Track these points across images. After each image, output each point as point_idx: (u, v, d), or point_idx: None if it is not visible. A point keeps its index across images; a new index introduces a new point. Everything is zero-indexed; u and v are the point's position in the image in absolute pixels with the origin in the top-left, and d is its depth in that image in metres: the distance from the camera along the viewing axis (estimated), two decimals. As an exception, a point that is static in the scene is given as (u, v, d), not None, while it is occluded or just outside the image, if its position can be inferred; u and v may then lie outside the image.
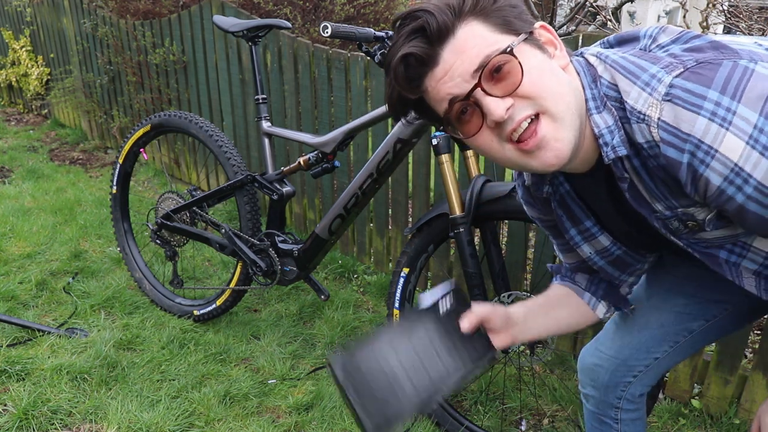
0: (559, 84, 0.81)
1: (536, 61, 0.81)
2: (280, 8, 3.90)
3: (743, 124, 0.71)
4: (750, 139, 0.71)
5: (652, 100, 0.76)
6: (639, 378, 1.23)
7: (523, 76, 0.79)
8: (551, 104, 0.80)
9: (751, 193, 0.74)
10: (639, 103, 0.78)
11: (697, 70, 0.74)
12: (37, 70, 5.35)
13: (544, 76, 0.80)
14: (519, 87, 0.79)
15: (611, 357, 1.23)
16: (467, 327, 1.01)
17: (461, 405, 2.08)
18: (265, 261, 2.22)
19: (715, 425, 1.94)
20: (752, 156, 0.72)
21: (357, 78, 2.60)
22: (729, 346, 1.90)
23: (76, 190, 3.93)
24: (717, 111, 0.72)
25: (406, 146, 1.88)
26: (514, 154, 0.83)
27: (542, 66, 0.81)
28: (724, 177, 0.74)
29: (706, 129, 0.72)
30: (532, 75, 0.79)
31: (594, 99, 0.83)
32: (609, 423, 1.28)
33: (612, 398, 1.25)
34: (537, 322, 1.12)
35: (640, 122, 0.78)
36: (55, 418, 1.90)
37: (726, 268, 0.94)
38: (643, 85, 0.77)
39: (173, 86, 3.78)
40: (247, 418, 1.95)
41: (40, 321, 2.44)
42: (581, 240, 1.05)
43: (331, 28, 1.72)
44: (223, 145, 2.27)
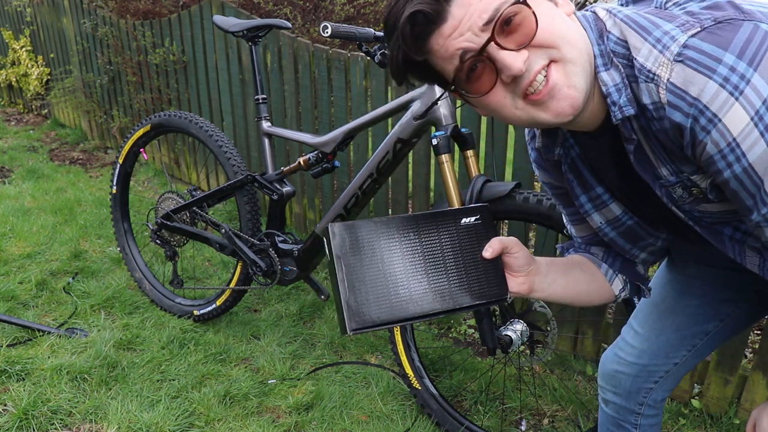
0: (569, 30, 0.78)
1: (545, 8, 0.77)
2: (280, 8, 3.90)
3: (753, 97, 0.67)
4: (756, 115, 0.68)
5: (663, 59, 0.72)
6: (660, 384, 1.22)
7: (538, 26, 0.75)
8: (565, 51, 0.77)
9: (739, 173, 0.72)
10: (649, 61, 0.73)
11: (714, 30, 0.69)
12: (37, 70, 5.35)
13: (554, 23, 0.77)
14: (534, 37, 0.75)
15: (632, 363, 1.22)
16: (489, 253, 0.91)
17: (461, 405, 2.08)
18: (265, 261, 2.22)
19: (715, 425, 1.94)
20: (752, 134, 0.69)
21: (357, 78, 2.60)
22: (729, 347, 1.90)
23: (76, 190, 3.93)
24: (730, 77, 0.68)
25: (406, 146, 1.88)
26: (526, 109, 0.80)
27: (551, 12, 0.78)
28: (719, 150, 0.71)
29: (715, 95, 0.69)
30: (544, 22, 0.76)
31: (602, 55, 0.79)
32: (627, 428, 1.28)
33: (633, 404, 1.25)
34: (557, 280, 1.01)
35: (648, 81, 0.74)
36: (55, 418, 1.90)
37: (729, 246, 0.91)
38: (654, 42, 0.73)
39: (173, 86, 3.78)
40: (247, 418, 1.95)
41: (40, 321, 2.44)
42: (592, 208, 0.99)
43: (331, 28, 1.72)
44: (223, 145, 2.27)
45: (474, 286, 0.91)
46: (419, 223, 0.91)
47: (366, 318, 0.85)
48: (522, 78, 0.77)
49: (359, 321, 0.84)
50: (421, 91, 1.82)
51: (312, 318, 2.56)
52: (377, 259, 0.88)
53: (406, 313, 0.87)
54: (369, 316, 0.85)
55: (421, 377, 1.99)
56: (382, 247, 0.88)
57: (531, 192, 1.69)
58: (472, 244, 0.93)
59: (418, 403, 2.00)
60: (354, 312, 0.85)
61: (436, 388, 1.97)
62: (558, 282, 1.01)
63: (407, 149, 1.90)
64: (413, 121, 1.81)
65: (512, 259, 0.94)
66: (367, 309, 0.85)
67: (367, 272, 0.87)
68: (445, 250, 0.91)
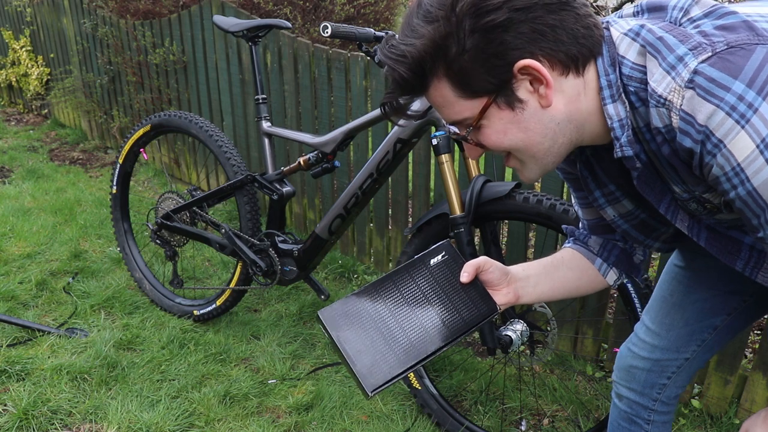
0: (528, 134, 0.84)
1: (502, 125, 0.84)
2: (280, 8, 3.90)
3: (760, 125, 0.69)
4: (762, 143, 0.70)
5: (675, 86, 0.73)
6: (672, 380, 1.24)
7: (486, 145, 0.87)
8: (518, 154, 0.87)
9: (743, 196, 0.74)
10: (661, 86, 0.75)
11: (725, 55, 0.70)
12: (37, 70, 5.35)
13: (507, 136, 0.85)
14: (486, 148, 0.87)
15: (645, 358, 1.24)
16: (466, 278, 0.98)
17: (461, 405, 2.08)
18: (265, 261, 2.22)
19: (715, 425, 1.94)
20: (758, 161, 0.71)
21: (357, 78, 2.60)
22: (729, 346, 1.90)
23: (76, 190, 3.93)
24: (738, 106, 0.69)
25: (406, 146, 1.88)
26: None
27: (505, 128, 0.84)
28: (724, 173, 0.73)
29: (721, 122, 0.70)
30: (491, 141, 0.86)
31: (610, 86, 0.81)
32: (640, 423, 1.29)
33: (647, 400, 1.27)
34: (541, 281, 1.07)
35: (659, 106, 0.76)
36: (55, 418, 1.90)
37: (745, 254, 0.92)
38: (668, 68, 0.74)
39: (173, 86, 3.78)
40: (247, 418, 1.95)
41: (40, 321, 2.45)
42: (605, 202, 1.01)
43: (331, 28, 1.72)
44: (223, 145, 2.27)
45: (464, 312, 0.97)
46: (394, 279, 1.00)
47: (378, 377, 0.92)
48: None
49: (373, 383, 0.91)
50: (421, 91, 1.82)
51: (312, 318, 2.56)
52: (369, 323, 0.96)
53: (413, 359, 0.93)
54: (381, 375, 0.92)
55: (421, 377, 1.99)
56: (369, 312, 0.97)
57: (531, 192, 1.69)
58: (447, 277, 1.00)
59: (418, 403, 2.00)
60: (366, 377, 0.91)
61: (436, 388, 1.97)
62: (543, 283, 1.07)
63: (407, 149, 1.90)
64: (413, 121, 1.81)
65: (489, 275, 1.01)
66: (377, 369, 0.92)
67: (365, 338, 0.94)
68: (425, 292, 0.98)
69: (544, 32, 0.77)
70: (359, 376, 0.91)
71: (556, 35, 0.78)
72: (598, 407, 2.04)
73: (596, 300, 2.14)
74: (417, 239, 1.89)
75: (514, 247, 2.27)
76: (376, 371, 0.92)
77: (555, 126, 0.83)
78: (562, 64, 0.80)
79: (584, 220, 1.14)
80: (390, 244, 2.81)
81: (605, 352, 2.22)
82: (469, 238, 1.74)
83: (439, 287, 0.99)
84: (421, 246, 1.89)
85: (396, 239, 2.77)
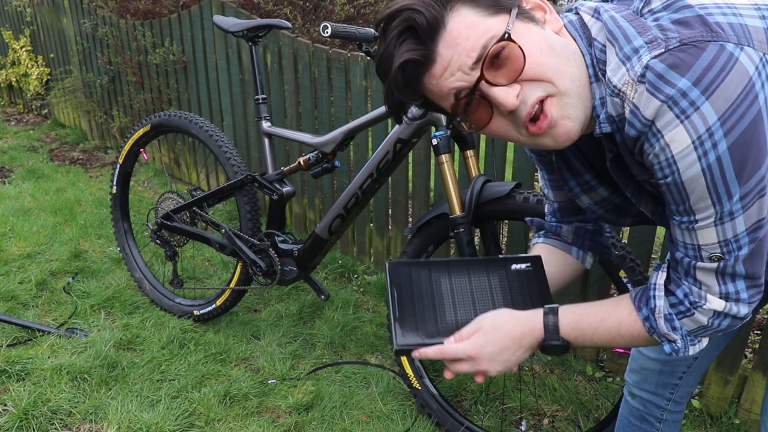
0: (560, 58, 0.79)
1: (533, 38, 0.78)
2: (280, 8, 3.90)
3: (699, 123, 0.71)
4: (697, 140, 0.72)
5: (628, 78, 0.75)
6: (684, 379, 1.25)
7: (525, 61, 0.77)
8: (558, 83, 0.79)
9: (671, 185, 0.77)
10: (616, 77, 0.76)
11: (676, 53, 0.71)
12: (37, 70, 5.35)
13: (544, 55, 0.78)
14: (523, 71, 0.77)
15: (654, 359, 1.25)
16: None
17: (461, 405, 2.08)
18: (265, 261, 2.22)
19: (715, 425, 1.94)
20: (689, 157, 0.73)
21: (357, 78, 2.60)
22: (729, 346, 1.90)
23: (76, 190, 3.93)
24: (680, 101, 0.71)
25: (406, 146, 1.88)
26: (529, 137, 0.83)
27: (539, 42, 0.78)
28: (658, 161, 0.76)
29: (662, 114, 0.72)
30: (532, 55, 0.77)
31: (592, 65, 0.81)
32: (652, 422, 1.31)
33: (661, 400, 1.28)
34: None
35: (614, 96, 0.77)
36: (55, 418, 1.90)
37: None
38: (623, 59, 0.76)
39: (173, 86, 3.78)
40: (247, 418, 1.95)
41: (40, 321, 2.44)
42: (581, 192, 1.02)
43: (331, 28, 1.72)
44: (223, 145, 2.27)
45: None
46: (469, 267, 1.02)
47: (411, 339, 0.95)
48: (519, 110, 0.79)
49: (403, 342, 0.94)
50: (421, 91, 1.82)
51: (312, 318, 2.56)
52: (427, 292, 0.98)
53: (446, 337, 0.95)
54: (413, 339, 0.95)
55: (421, 377, 1.99)
56: (432, 282, 0.99)
57: (531, 192, 1.69)
58: (522, 287, 1.01)
59: (418, 403, 2.00)
60: (399, 334, 0.95)
61: (436, 388, 1.97)
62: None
63: (407, 149, 1.90)
64: (413, 121, 1.81)
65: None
66: (413, 333, 0.95)
67: (417, 302, 0.97)
68: (494, 290, 1.00)
69: None
70: (394, 331, 0.94)
71: None
72: (598, 407, 2.05)
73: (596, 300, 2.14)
74: (417, 239, 1.89)
75: (514, 247, 2.27)
76: (410, 334, 0.94)
77: (572, 54, 0.81)
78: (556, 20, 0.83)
79: (554, 203, 1.15)
80: (390, 244, 2.81)
81: (605, 352, 2.22)
82: (469, 238, 1.74)
83: (509, 292, 1.00)
84: (420, 246, 1.88)
85: (396, 239, 2.77)
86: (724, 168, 0.73)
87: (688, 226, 0.81)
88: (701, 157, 0.73)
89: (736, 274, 0.81)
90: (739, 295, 0.83)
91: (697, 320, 0.86)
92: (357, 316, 2.55)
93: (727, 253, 0.80)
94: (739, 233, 0.78)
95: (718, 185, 0.74)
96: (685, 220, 0.80)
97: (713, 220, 0.78)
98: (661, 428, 1.31)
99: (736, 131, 0.71)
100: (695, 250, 0.82)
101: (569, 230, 1.15)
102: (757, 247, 0.80)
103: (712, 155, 0.72)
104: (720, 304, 0.84)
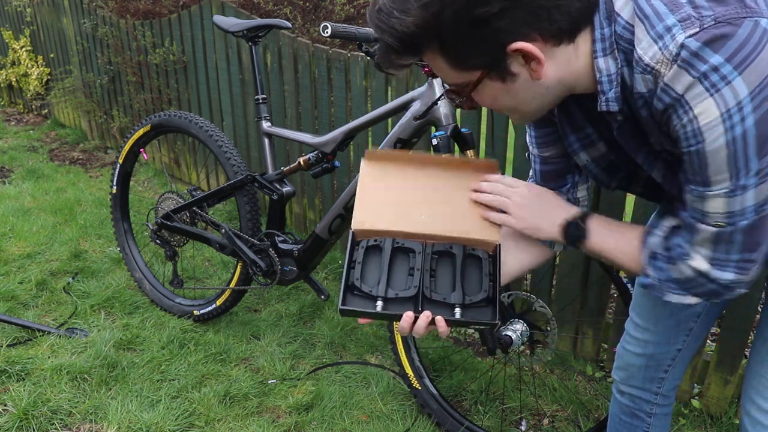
0: (520, 99, 0.89)
1: (492, 92, 0.88)
2: (280, 8, 3.90)
3: (729, 97, 0.72)
4: (726, 113, 0.73)
5: (662, 57, 0.75)
6: (670, 372, 1.27)
7: (479, 104, 0.92)
8: (507, 113, 0.94)
9: (694, 154, 0.79)
10: (648, 55, 0.77)
11: (712, 31, 0.72)
12: (37, 70, 5.35)
13: (499, 101, 0.90)
14: (478, 106, 0.93)
15: (639, 354, 1.26)
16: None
17: (461, 405, 2.08)
18: (265, 261, 2.22)
19: (715, 425, 1.94)
20: (717, 129, 0.74)
21: (357, 78, 2.60)
22: (729, 346, 1.90)
23: (76, 190, 3.93)
24: (710, 75, 0.72)
25: (406, 146, 1.88)
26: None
27: (497, 95, 0.88)
28: (684, 131, 0.78)
29: (691, 86, 0.74)
30: (487, 102, 0.91)
31: (602, 40, 0.82)
32: (642, 417, 1.32)
33: (649, 395, 1.29)
34: (515, 256, 1.12)
35: (645, 73, 0.78)
36: (55, 418, 1.90)
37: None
38: (655, 37, 0.76)
39: (173, 86, 3.78)
40: (247, 418, 1.95)
41: (40, 321, 2.44)
42: (579, 147, 1.03)
43: (331, 28, 1.72)
44: (223, 145, 2.27)
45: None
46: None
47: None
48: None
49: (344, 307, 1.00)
50: (421, 91, 1.82)
51: (312, 318, 2.56)
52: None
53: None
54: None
55: (421, 377, 1.99)
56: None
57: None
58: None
59: (418, 403, 2.00)
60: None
61: (436, 388, 1.97)
62: (517, 258, 1.12)
63: (407, 149, 1.90)
64: (413, 120, 1.81)
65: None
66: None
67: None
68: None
69: (538, 14, 0.78)
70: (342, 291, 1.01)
71: (549, 15, 0.79)
72: (598, 407, 2.04)
73: (596, 300, 2.14)
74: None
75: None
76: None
77: (544, 90, 0.87)
78: (555, 38, 0.81)
79: (537, 165, 1.16)
80: (390, 244, 2.80)
81: (605, 352, 2.22)
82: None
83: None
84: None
85: (396, 239, 2.76)
86: (748, 143, 0.74)
87: (700, 194, 0.82)
88: (728, 130, 0.74)
89: (732, 242, 0.84)
90: (727, 263, 0.85)
91: (682, 271, 0.90)
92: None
93: (729, 224, 0.82)
94: (746, 207, 0.80)
95: (739, 159, 0.76)
96: (699, 189, 0.82)
97: (726, 192, 0.79)
98: (651, 422, 1.32)
99: (764, 107, 0.72)
100: (701, 215, 0.84)
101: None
102: (760, 221, 0.81)
103: (738, 129, 0.74)
104: (704, 265, 0.87)
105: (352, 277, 1.02)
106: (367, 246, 1.06)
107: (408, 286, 1.01)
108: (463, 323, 0.99)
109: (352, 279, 1.01)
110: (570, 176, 1.14)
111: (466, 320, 0.98)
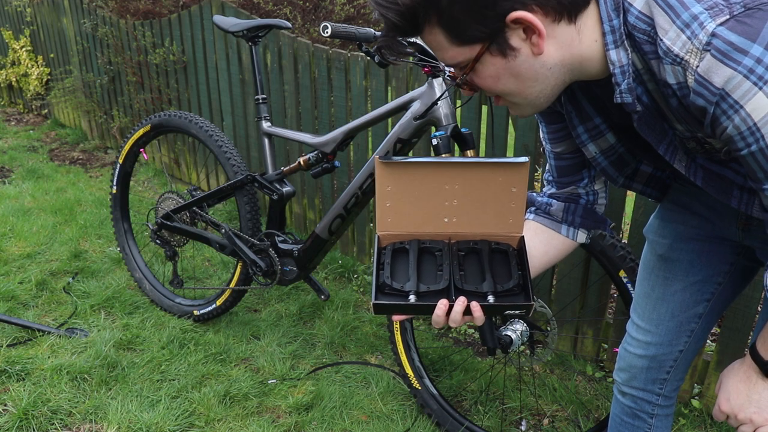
0: (521, 81, 0.86)
1: (494, 69, 0.85)
2: (280, 8, 3.90)
3: None
4: None
5: (692, 47, 0.73)
6: (672, 373, 1.26)
7: (480, 88, 0.89)
8: (510, 97, 0.89)
9: (756, 152, 0.76)
10: (677, 45, 0.75)
11: (743, 18, 0.70)
12: (37, 70, 5.35)
13: (500, 82, 0.87)
14: (479, 89, 0.90)
15: (641, 356, 1.26)
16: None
17: (461, 405, 2.08)
18: (265, 261, 2.22)
19: (715, 425, 1.94)
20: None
21: (357, 78, 2.60)
22: (729, 346, 1.90)
23: (76, 190, 3.93)
24: (755, 68, 0.70)
25: (406, 146, 1.88)
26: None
27: (499, 73, 0.85)
28: (739, 132, 0.75)
29: (738, 84, 0.71)
30: (489, 83, 0.87)
31: (612, 32, 0.81)
32: (644, 418, 1.32)
33: (651, 396, 1.29)
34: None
35: (674, 64, 0.76)
36: (55, 418, 1.90)
37: (737, 192, 0.95)
38: (682, 26, 0.74)
39: (173, 86, 3.78)
40: (247, 418, 1.95)
41: (40, 321, 2.45)
42: (588, 138, 1.02)
43: (331, 28, 1.72)
44: (223, 145, 2.27)
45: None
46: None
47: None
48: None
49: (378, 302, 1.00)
50: (421, 91, 1.82)
51: (312, 318, 2.56)
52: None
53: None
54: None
55: (421, 377, 1.99)
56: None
57: (531, 192, 1.68)
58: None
59: (418, 403, 2.00)
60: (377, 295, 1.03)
61: (436, 388, 1.97)
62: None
63: (407, 149, 1.90)
64: (413, 120, 1.81)
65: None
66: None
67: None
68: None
69: None
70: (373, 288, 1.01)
71: None
72: (598, 407, 2.04)
73: (596, 300, 2.14)
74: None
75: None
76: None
77: (547, 71, 0.85)
78: (555, 11, 0.80)
79: (552, 161, 1.15)
80: (390, 244, 2.81)
81: (605, 352, 2.22)
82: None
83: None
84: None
85: (396, 239, 2.76)
86: None
87: None
88: None
89: None
90: None
91: None
92: (357, 316, 2.55)
93: None
94: None
95: None
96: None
97: None
98: (653, 424, 1.32)
99: None
100: None
101: (559, 208, 1.17)
102: None
103: None
104: None
105: (382, 277, 1.02)
106: (393, 249, 1.07)
107: (438, 280, 1.02)
108: (499, 307, 0.98)
109: (383, 278, 1.02)
110: (585, 171, 1.13)
111: (502, 304, 0.98)
